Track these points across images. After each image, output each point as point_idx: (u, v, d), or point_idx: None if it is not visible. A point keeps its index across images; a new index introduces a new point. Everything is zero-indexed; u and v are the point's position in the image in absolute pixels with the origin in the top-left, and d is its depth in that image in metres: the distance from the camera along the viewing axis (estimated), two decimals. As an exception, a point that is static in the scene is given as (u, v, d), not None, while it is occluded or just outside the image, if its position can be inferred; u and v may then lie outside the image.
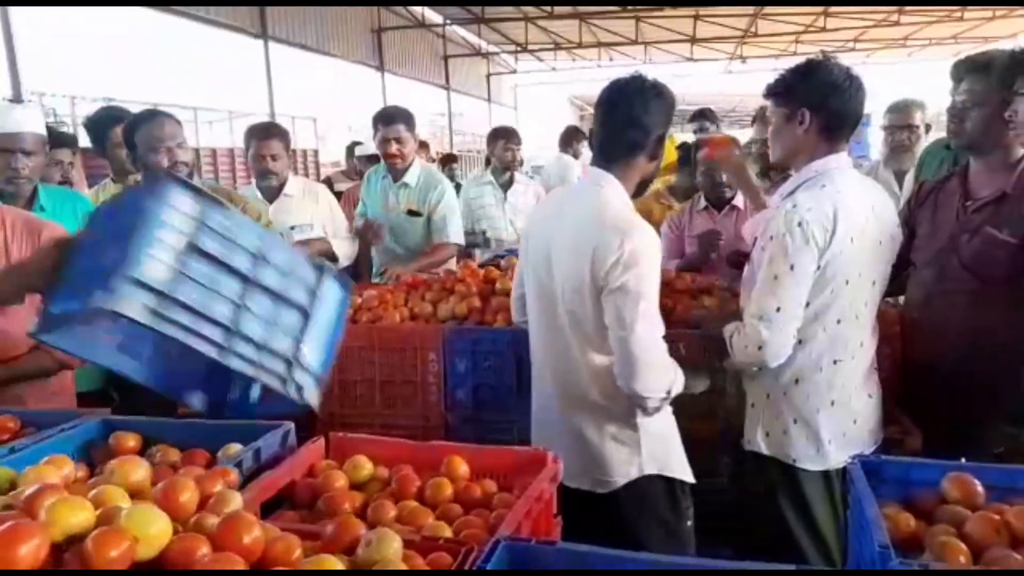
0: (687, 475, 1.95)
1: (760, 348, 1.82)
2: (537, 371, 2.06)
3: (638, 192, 1.96)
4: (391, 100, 17.55)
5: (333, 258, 3.44)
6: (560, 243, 1.89)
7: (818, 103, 1.86)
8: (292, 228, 3.45)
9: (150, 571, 0.74)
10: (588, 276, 1.79)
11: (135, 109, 3.11)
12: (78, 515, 0.83)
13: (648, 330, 1.78)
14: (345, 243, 3.61)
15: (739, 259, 2.40)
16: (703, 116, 4.93)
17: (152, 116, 2.77)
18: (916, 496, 1.33)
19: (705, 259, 3.11)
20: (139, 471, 1.13)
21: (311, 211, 3.54)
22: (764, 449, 2.00)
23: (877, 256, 1.91)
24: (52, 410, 1.83)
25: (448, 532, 1.26)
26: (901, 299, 2.33)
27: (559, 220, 1.92)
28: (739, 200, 3.27)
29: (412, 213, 3.74)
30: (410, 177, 3.73)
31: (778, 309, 1.80)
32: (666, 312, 2.63)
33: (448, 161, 9.43)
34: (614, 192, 1.86)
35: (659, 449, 1.91)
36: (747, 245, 2.20)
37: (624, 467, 1.88)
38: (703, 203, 3.38)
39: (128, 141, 2.74)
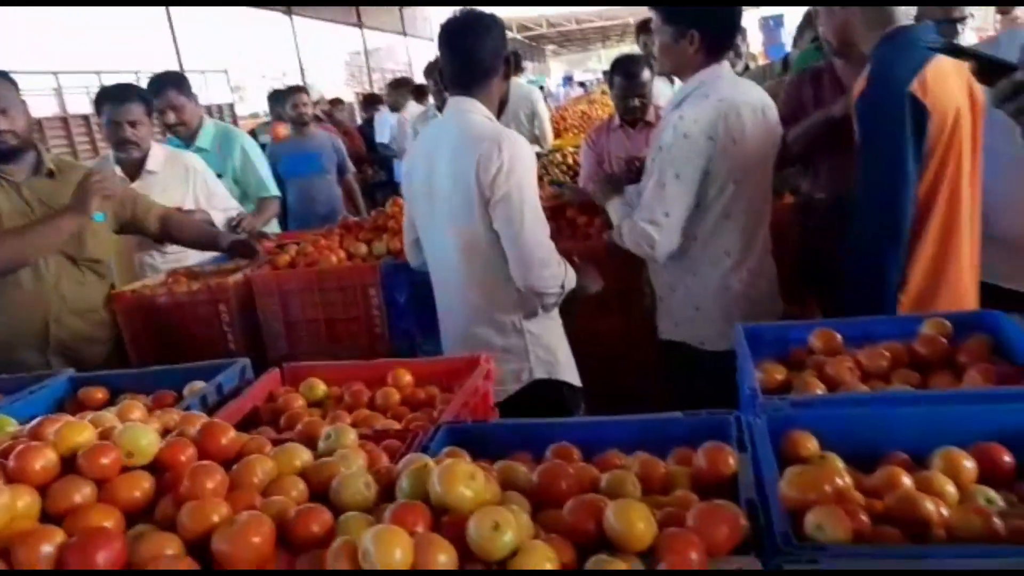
0: (574, 378, 2.19)
1: (652, 247, 2.05)
2: (439, 302, 2.27)
3: (500, 111, 2.14)
4: (302, 44, 17.05)
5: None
6: (440, 172, 2.06)
7: (705, 23, 2.02)
8: None
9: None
10: (475, 191, 1.97)
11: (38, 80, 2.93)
12: (81, 434, 0.99)
13: (535, 229, 1.99)
14: (225, 215, 3.28)
15: (632, 165, 2.64)
16: (648, 30, 4.90)
17: None
18: (791, 352, 1.58)
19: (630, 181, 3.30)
20: (136, 412, 1.29)
21: (180, 188, 3.16)
22: (674, 336, 2.24)
23: (761, 154, 2.12)
24: (16, 376, 1.94)
25: (398, 427, 1.46)
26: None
27: (435, 153, 2.09)
28: (651, 115, 3.46)
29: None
30: (203, 140, 3.60)
31: (666, 214, 2.01)
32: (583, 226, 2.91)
33: (372, 101, 9.32)
34: (480, 112, 2.05)
35: (546, 356, 2.14)
36: None
37: (515, 375, 2.10)
38: (618, 121, 3.56)
39: None
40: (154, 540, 0.87)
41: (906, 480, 1.03)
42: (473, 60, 2.05)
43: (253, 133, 6.25)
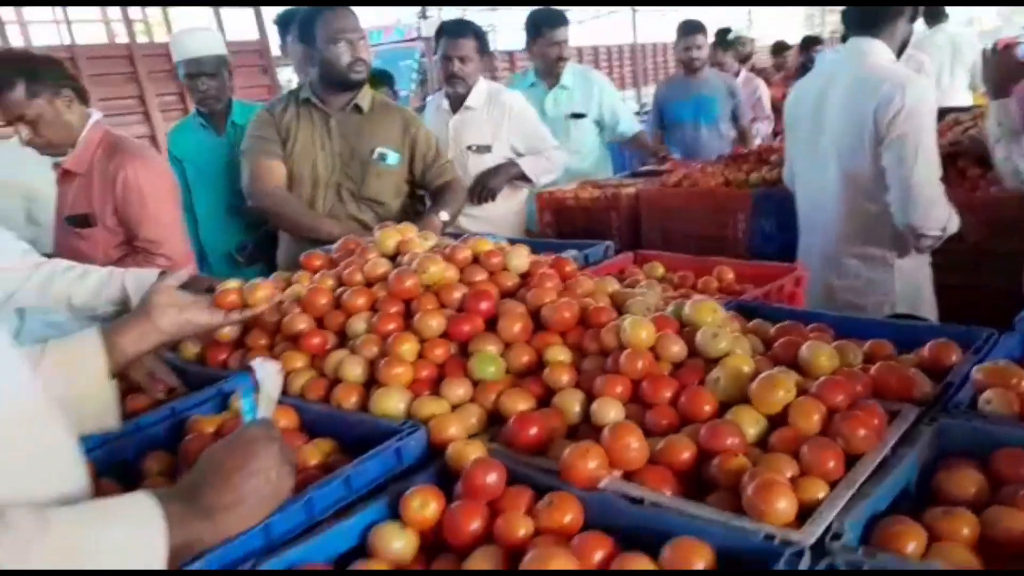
0: (934, 318, 2.22)
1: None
2: (804, 228, 2.43)
3: (898, 54, 2.15)
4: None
5: (526, 179, 3.17)
6: (832, 108, 2.17)
7: None
8: (469, 148, 3.14)
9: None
10: (870, 129, 2.05)
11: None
12: (485, 246, 1.60)
13: (927, 169, 2.02)
14: (542, 159, 3.18)
15: None
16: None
17: (333, 7, 2.49)
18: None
19: None
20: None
21: (491, 127, 3.14)
22: None
23: None
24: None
25: (703, 300, 1.83)
26: None
27: (828, 89, 2.19)
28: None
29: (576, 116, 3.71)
30: (567, 79, 3.71)
31: None
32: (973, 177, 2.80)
33: (809, 45, 8.79)
34: (882, 53, 2.10)
35: (910, 292, 2.20)
36: None
37: (877, 307, 2.21)
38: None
39: (305, 34, 2.51)
40: (510, 306, 1.42)
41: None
42: None
43: None
